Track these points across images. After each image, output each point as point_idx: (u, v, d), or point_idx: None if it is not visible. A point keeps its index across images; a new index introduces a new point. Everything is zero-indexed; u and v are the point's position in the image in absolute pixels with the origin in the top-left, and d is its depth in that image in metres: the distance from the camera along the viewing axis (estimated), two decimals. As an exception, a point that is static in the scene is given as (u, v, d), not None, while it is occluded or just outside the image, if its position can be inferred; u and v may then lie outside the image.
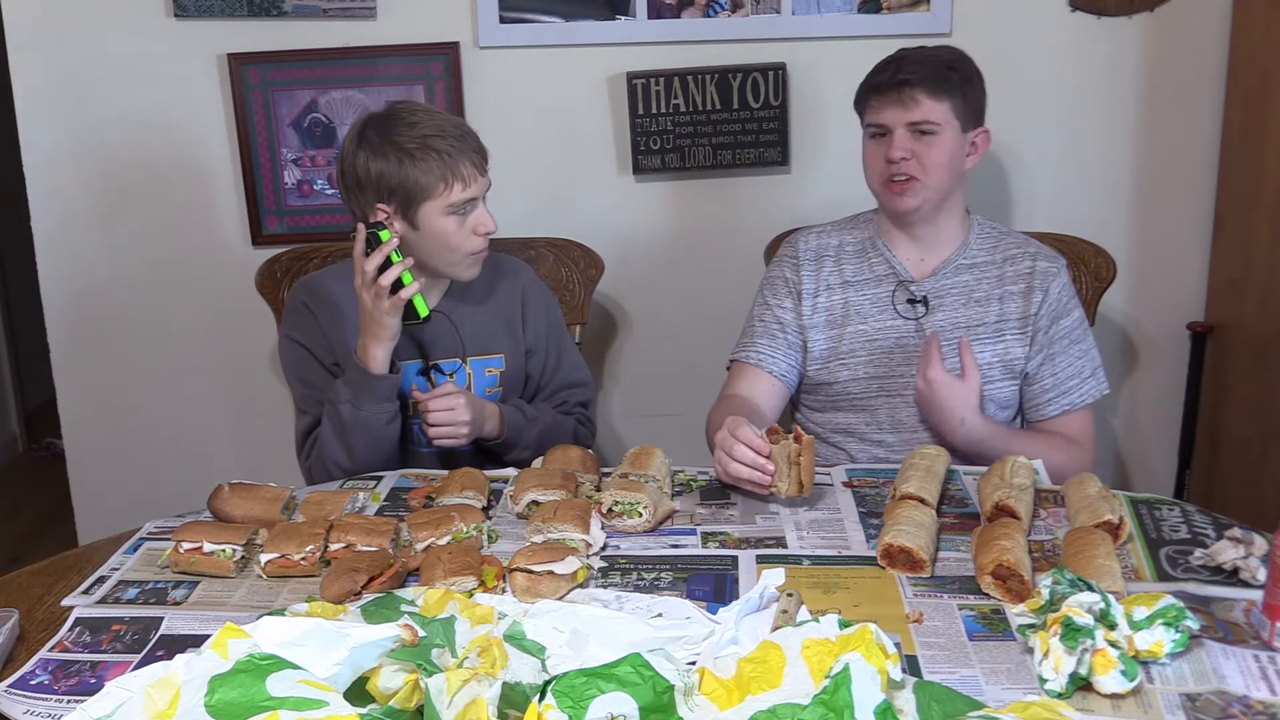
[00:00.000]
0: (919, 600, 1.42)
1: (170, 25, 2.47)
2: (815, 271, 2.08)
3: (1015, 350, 2.00)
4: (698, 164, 2.54)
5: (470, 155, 1.88)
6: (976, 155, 2.01)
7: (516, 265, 2.16)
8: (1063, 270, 2.03)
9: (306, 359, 2.01)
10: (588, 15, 2.47)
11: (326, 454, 1.93)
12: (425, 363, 2.02)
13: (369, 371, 1.88)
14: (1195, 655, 1.27)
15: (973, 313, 2.01)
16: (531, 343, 2.10)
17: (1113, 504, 1.56)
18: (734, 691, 1.18)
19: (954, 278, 2.03)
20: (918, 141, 1.94)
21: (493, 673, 1.16)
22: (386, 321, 1.86)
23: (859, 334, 2.04)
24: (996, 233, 2.07)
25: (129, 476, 2.73)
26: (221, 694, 1.10)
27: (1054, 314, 2.00)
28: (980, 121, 2.00)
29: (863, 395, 2.04)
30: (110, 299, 2.63)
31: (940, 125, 1.93)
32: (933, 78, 1.92)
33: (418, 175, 1.85)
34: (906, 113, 1.93)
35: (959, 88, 1.94)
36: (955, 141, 1.95)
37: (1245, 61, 2.42)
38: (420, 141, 1.85)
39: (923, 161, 1.94)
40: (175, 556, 1.54)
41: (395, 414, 1.93)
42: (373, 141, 1.87)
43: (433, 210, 1.88)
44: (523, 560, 1.46)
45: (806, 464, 1.65)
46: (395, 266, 1.84)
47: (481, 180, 1.90)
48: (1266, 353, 2.39)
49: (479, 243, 1.93)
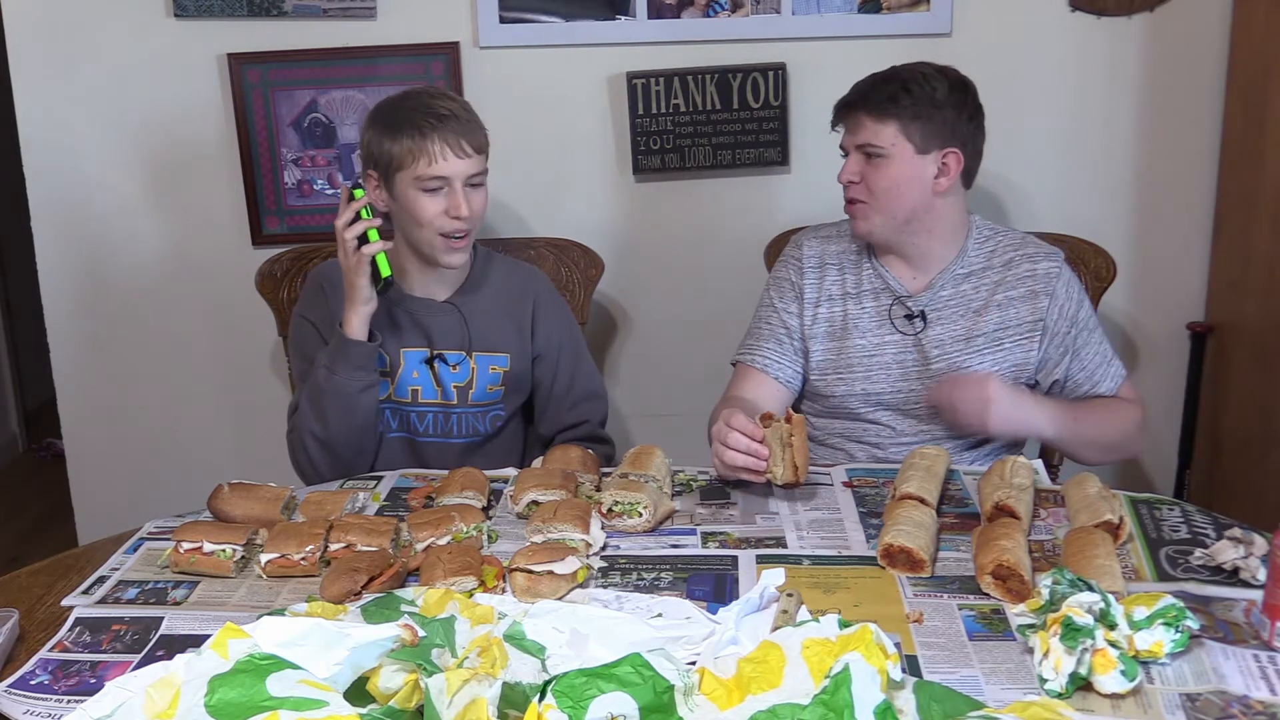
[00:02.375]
0: (919, 600, 1.42)
1: (170, 25, 2.47)
2: (818, 279, 2.06)
3: (1018, 355, 1.98)
4: (698, 164, 2.54)
5: (448, 134, 1.89)
6: (949, 176, 1.92)
7: (534, 274, 2.17)
8: (1063, 265, 2.00)
9: (312, 336, 2.03)
10: (588, 15, 2.47)
11: (302, 423, 1.96)
12: (430, 351, 2.03)
13: (344, 336, 1.90)
14: (1195, 655, 1.27)
15: (971, 323, 1.98)
16: (540, 349, 2.10)
17: (1113, 504, 1.56)
18: (734, 691, 1.18)
19: (951, 289, 2.00)
20: (867, 164, 1.92)
21: (493, 673, 1.16)
22: (356, 281, 1.89)
23: (858, 349, 2.02)
24: (994, 236, 2.03)
25: (129, 476, 2.73)
26: (221, 694, 1.10)
27: (1067, 314, 1.98)
28: (952, 142, 1.91)
29: (860, 410, 2.03)
30: (110, 299, 2.63)
31: (886, 148, 1.89)
32: (879, 100, 1.89)
33: (391, 145, 1.90)
34: (854, 136, 1.93)
35: (909, 109, 1.88)
36: (908, 164, 1.90)
37: (1245, 61, 2.42)
38: (404, 115, 1.90)
39: (870, 185, 1.92)
40: (175, 556, 1.54)
41: (369, 384, 1.94)
42: (378, 111, 1.97)
43: (404, 181, 1.91)
44: (523, 560, 1.46)
45: (799, 444, 1.65)
46: (362, 222, 1.88)
47: (457, 161, 1.90)
48: (1266, 353, 2.39)
49: (451, 225, 1.93)
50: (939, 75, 1.92)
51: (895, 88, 1.89)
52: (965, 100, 1.93)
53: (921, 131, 1.89)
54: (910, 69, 1.94)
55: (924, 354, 1.99)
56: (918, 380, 1.99)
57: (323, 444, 1.94)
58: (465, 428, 2.08)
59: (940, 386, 1.93)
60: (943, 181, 1.93)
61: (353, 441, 1.95)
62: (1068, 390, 2.02)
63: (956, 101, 1.92)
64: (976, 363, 1.97)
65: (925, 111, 1.89)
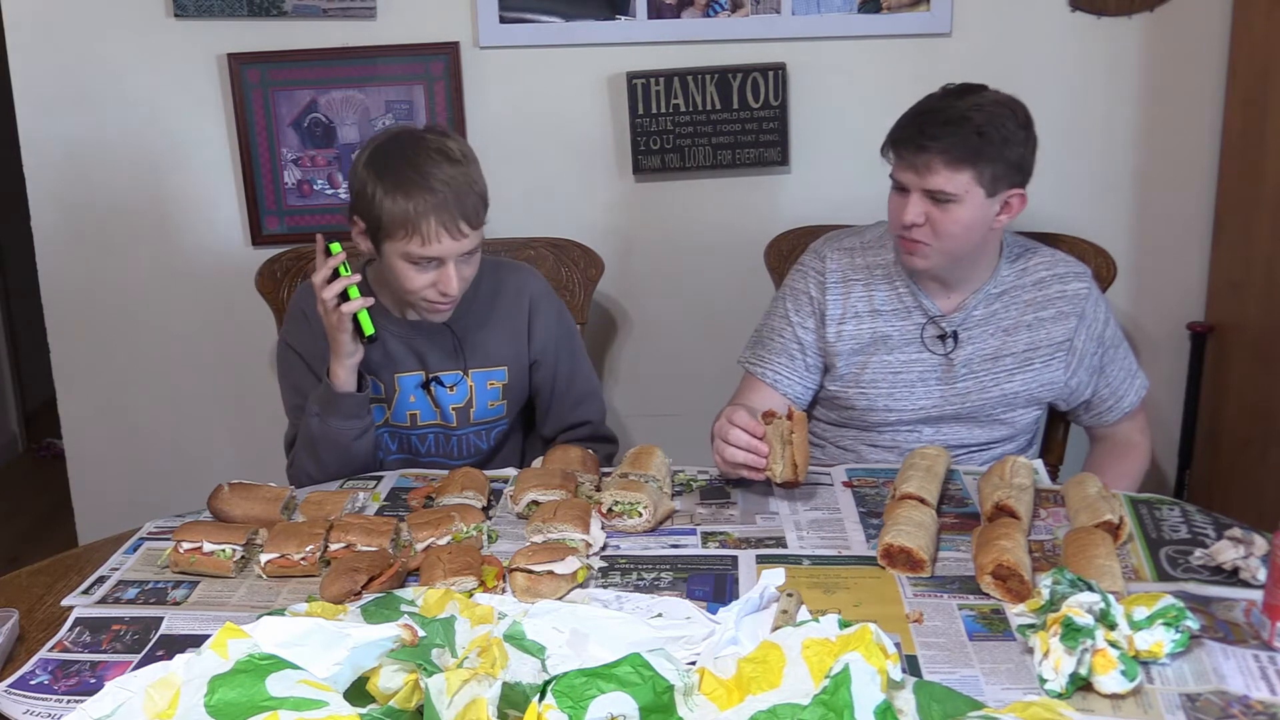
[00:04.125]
0: (919, 600, 1.42)
1: (170, 25, 2.47)
2: (843, 296, 2.00)
3: (1045, 375, 1.97)
4: (698, 164, 2.54)
5: (444, 214, 1.77)
6: (1010, 214, 1.88)
7: (524, 273, 2.10)
8: (1091, 284, 1.99)
9: (298, 365, 2.01)
10: (588, 15, 2.47)
11: (300, 463, 1.94)
12: (425, 375, 2.00)
13: (332, 389, 1.87)
14: (1195, 655, 1.27)
15: (1001, 342, 1.96)
16: (538, 354, 2.06)
17: (1113, 504, 1.56)
18: (734, 691, 1.18)
19: (983, 308, 1.97)
20: (934, 206, 1.83)
21: (493, 673, 1.16)
22: (338, 338, 1.84)
23: (884, 364, 1.98)
24: (1025, 253, 2.00)
25: (129, 476, 2.73)
26: (221, 694, 1.10)
27: (1094, 334, 1.98)
28: (1018, 181, 1.86)
29: (876, 424, 2.02)
30: (110, 299, 2.63)
31: (959, 195, 1.82)
32: (955, 147, 1.80)
33: (383, 210, 1.79)
34: (921, 180, 1.83)
35: (986, 155, 1.80)
36: (978, 209, 1.84)
37: (1245, 61, 2.42)
38: (402, 176, 1.78)
39: (937, 228, 1.85)
40: (175, 556, 1.54)
41: (364, 430, 1.91)
42: (375, 155, 1.83)
43: (393, 251, 1.82)
44: (523, 560, 1.46)
45: (799, 441, 1.65)
46: (340, 280, 1.82)
47: (451, 243, 1.79)
48: (1266, 353, 2.39)
49: (437, 297, 1.85)
50: (1006, 111, 1.85)
51: (970, 133, 1.80)
52: (1030, 136, 1.87)
53: (993, 175, 1.82)
54: (978, 107, 1.83)
55: (951, 371, 1.97)
56: (940, 396, 1.97)
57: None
58: (467, 447, 2.06)
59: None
60: (1003, 218, 1.89)
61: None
62: (1093, 407, 2.03)
63: (1024, 139, 1.85)
64: (1004, 382, 1.96)
65: (998, 154, 1.82)
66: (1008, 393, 1.97)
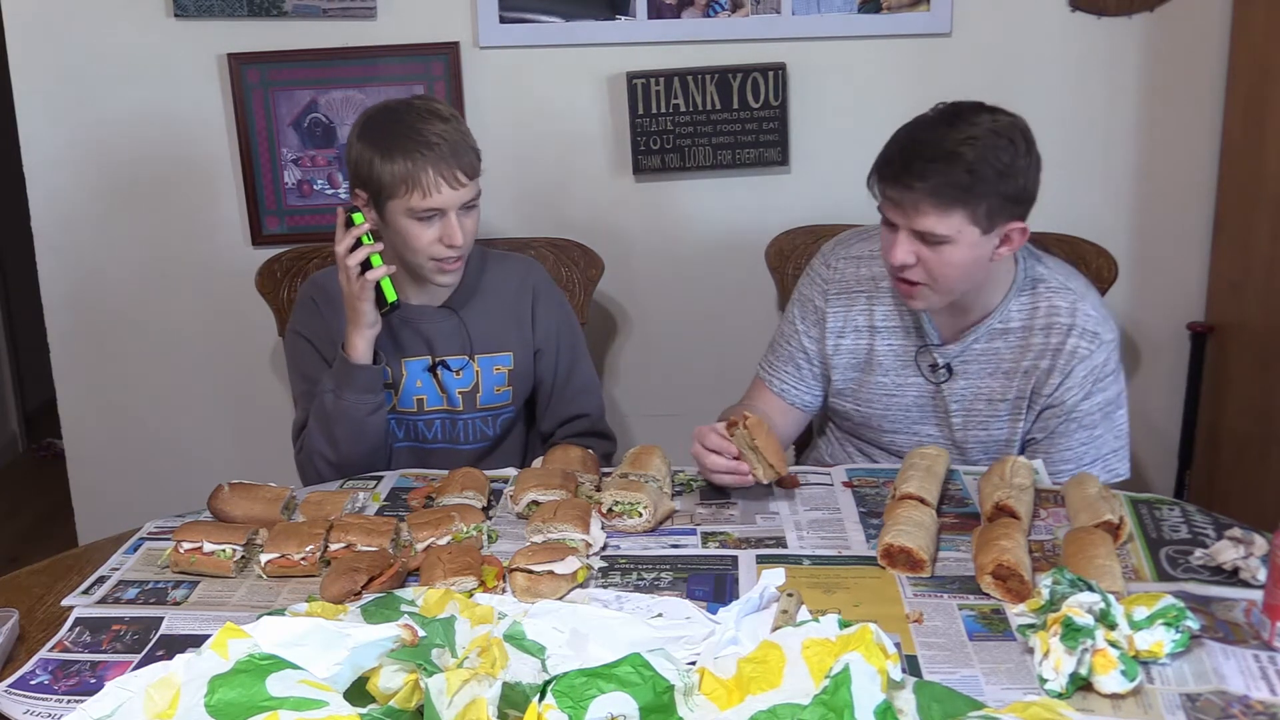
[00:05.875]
0: (919, 600, 1.42)
1: (170, 25, 2.47)
2: (845, 307, 1.94)
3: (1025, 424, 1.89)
4: (698, 164, 2.54)
5: (441, 164, 1.83)
6: (1011, 247, 1.75)
7: (528, 264, 2.15)
8: (1098, 350, 1.81)
9: (309, 353, 2.02)
10: (588, 15, 2.47)
11: (312, 445, 1.95)
12: (432, 360, 2.02)
13: (349, 361, 1.89)
14: (1195, 655, 1.27)
15: (997, 385, 1.87)
16: (541, 342, 2.08)
17: (1113, 504, 1.56)
18: (734, 691, 1.18)
19: (984, 344, 1.86)
20: (925, 246, 1.71)
21: (493, 673, 1.16)
22: (360, 307, 1.87)
23: (879, 385, 1.94)
24: (1049, 293, 1.84)
25: (129, 476, 2.73)
26: (221, 694, 1.10)
27: (1066, 399, 1.83)
28: (1017, 213, 1.72)
29: (874, 437, 2.01)
30: (110, 299, 2.63)
31: (951, 236, 1.69)
32: (944, 188, 1.65)
33: (383, 173, 1.85)
34: (909, 220, 1.70)
35: (977, 194, 1.66)
36: (972, 248, 1.71)
37: (1245, 61, 2.42)
38: (397, 139, 1.84)
39: (930, 269, 1.73)
40: (175, 556, 1.54)
41: (378, 406, 1.93)
42: (367, 127, 1.90)
43: (396, 209, 1.87)
44: (523, 560, 1.46)
45: (764, 444, 1.66)
46: (364, 248, 1.85)
47: (450, 192, 1.85)
48: (1266, 353, 2.39)
49: (444, 251, 1.89)
50: (1003, 141, 1.69)
51: (960, 172, 1.65)
52: (1031, 161, 1.72)
53: (988, 211, 1.68)
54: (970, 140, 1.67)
55: (944, 402, 1.92)
56: (935, 426, 1.94)
57: (335, 466, 1.93)
58: (473, 433, 2.07)
59: None
60: (1004, 251, 1.76)
61: (364, 463, 1.93)
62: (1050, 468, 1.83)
63: (1024, 167, 1.70)
64: (995, 427, 1.89)
65: (992, 190, 1.67)
66: (997, 439, 1.90)
